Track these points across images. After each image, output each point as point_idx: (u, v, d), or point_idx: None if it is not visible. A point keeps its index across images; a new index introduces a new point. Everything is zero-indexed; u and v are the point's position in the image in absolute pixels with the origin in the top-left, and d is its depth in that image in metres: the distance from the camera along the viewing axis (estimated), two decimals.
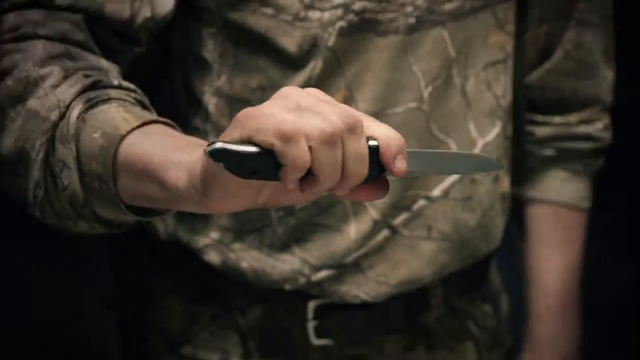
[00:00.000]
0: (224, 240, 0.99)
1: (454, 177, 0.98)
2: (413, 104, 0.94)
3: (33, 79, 0.79)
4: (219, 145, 0.62)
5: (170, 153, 0.71)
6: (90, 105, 0.76)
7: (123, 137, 0.73)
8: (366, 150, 0.64)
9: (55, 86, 0.78)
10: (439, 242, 0.99)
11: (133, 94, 0.80)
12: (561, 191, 1.12)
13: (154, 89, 0.95)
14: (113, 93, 0.78)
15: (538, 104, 1.10)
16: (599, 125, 1.11)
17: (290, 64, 0.92)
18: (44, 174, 0.77)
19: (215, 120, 0.95)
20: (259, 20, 0.90)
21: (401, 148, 0.64)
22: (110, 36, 0.85)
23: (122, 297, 1.12)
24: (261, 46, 0.92)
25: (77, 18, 0.83)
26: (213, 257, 0.99)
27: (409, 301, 1.01)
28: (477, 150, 0.99)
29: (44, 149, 0.76)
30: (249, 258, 0.98)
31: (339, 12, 0.90)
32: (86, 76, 0.79)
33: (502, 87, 1.00)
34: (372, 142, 0.65)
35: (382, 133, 0.64)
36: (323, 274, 0.98)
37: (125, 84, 0.80)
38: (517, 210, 1.14)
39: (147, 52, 0.89)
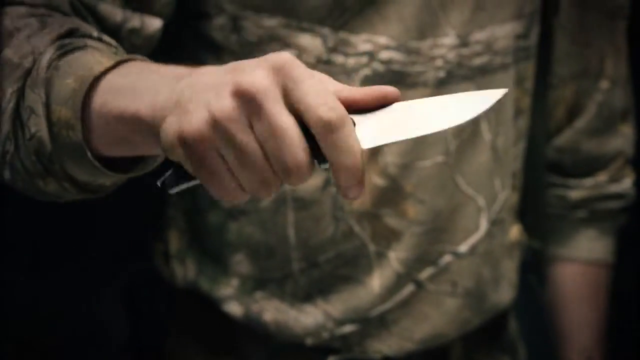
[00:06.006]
0: (245, 288, 0.97)
1: (481, 233, 0.98)
2: (440, 158, 0.94)
3: (9, 32, 0.74)
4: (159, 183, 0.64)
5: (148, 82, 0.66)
6: (64, 51, 0.71)
7: (96, 78, 0.68)
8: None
9: (30, 36, 0.74)
10: (463, 298, 0.98)
11: (114, 49, 0.75)
12: (592, 249, 1.12)
13: None
14: (90, 42, 0.73)
15: (568, 167, 1.09)
16: (627, 182, 1.11)
17: None
18: (13, 125, 0.72)
19: None
20: None
21: (357, 177, 0.59)
22: (100, 30, 0.81)
23: (138, 347, 1.10)
24: None
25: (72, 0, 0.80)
26: (235, 308, 0.98)
27: (428, 356, 1.00)
28: (497, 204, 0.99)
29: (15, 97, 0.71)
30: (271, 309, 0.97)
31: (364, 59, 0.90)
32: (62, 25, 0.75)
33: (513, 141, 1.01)
34: (323, 165, 0.59)
35: (334, 155, 0.58)
36: (347, 328, 0.96)
37: (107, 38, 0.76)
38: (536, 261, 1.14)
39: None
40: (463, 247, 0.97)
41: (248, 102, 0.57)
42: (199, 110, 0.58)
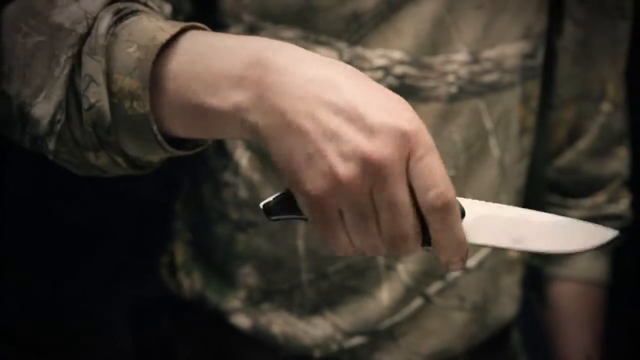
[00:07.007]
0: (252, 300, 0.98)
1: (488, 248, 0.98)
2: (451, 172, 0.94)
3: None
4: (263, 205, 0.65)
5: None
6: (120, 17, 0.67)
7: (162, 46, 0.65)
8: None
9: None
10: (470, 312, 0.99)
11: (161, 15, 0.71)
12: (589, 269, 1.13)
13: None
14: (140, 7, 0.70)
15: (567, 187, 1.11)
16: (624, 203, 1.12)
17: None
18: (66, 94, 0.67)
19: (246, 174, 0.95)
20: None
21: (459, 256, 0.63)
22: None
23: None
24: None
25: None
26: (242, 320, 0.98)
27: None
28: None
29: (70, 64, 0.67)
30: (279, 321, 0.97)
31: (379, 74, 0.91)
32: None
33: (517, 160, 1.01)
34: (426, 247, 0.63)
35: (437, 236, 0.62)
36: (356, 340, 0.97)
37: (150, 3, 0.72)
38: (534, 279, 1.15)
39: None
40: (471, 262, 0.98)
41: (374, 172, 0.60)
42: (323, 167, 0.60)
